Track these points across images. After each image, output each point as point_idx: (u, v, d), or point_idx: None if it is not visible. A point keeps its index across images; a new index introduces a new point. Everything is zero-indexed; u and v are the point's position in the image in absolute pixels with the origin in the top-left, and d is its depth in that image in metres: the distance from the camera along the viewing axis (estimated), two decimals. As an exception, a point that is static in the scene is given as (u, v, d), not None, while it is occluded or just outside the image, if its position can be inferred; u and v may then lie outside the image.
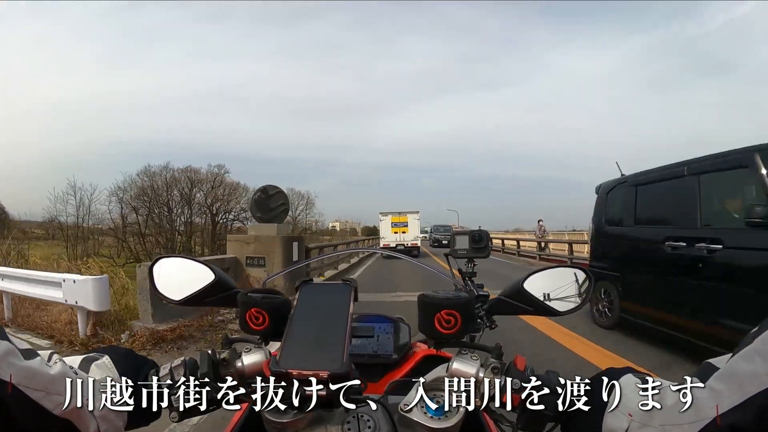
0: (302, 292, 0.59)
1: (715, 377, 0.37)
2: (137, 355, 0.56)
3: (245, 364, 0.57)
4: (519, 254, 16.07)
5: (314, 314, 0.55)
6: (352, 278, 0.61)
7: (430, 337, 0.61)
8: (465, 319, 0.58)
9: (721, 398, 0.36)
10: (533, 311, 0.61)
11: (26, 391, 0.39)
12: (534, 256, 14.55)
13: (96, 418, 0.45)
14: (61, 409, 0.42)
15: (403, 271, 10.59)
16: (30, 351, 0.41)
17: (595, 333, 4.59)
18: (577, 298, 0.61)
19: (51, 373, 0.42)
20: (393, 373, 0.78)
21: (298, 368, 0.48)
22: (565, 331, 4.56)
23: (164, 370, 0.54)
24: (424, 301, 0.59)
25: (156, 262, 0.66)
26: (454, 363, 0.57)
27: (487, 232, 0.79)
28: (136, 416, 0.51)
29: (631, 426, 0.44)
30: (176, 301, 0.66)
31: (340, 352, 0.49)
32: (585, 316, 4.97)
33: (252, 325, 0.61)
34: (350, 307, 0.56)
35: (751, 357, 0.34)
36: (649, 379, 0.47)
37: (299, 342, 0.51)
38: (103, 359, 0.51)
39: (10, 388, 0.37)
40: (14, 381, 0.38)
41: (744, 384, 0.34)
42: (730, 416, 0.35)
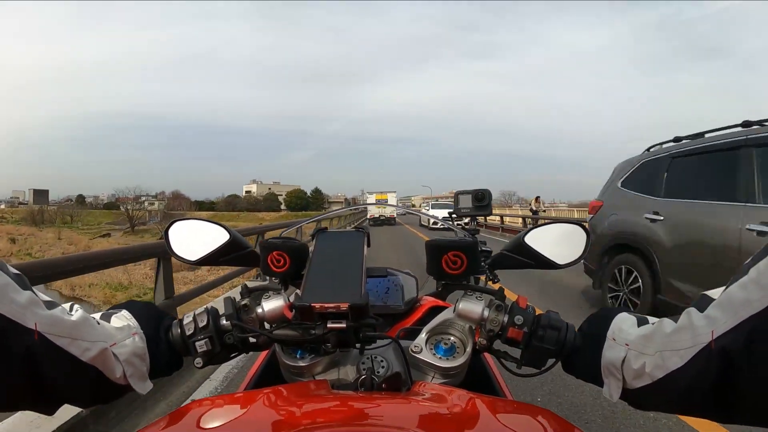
0: (319, 239, 0.61)
1: (712, 306, 0.38)
2: (156, 307, 0.57)
3: (265, 309, 0.58)
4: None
5: (332, 256, 0.58)
6: (364, 225, 0.64)
7: (438, 278, 0.64)
8: (470, 260, 0.61)
9: (717, 324, 0.37)
10: (534, 264, 0.64)
11: (52, 338, 0.39)
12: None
13: (122, 363, 0.46)
14: (88, 355, 0.42)
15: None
16: (52, 302, 0.42)
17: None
18: (575, 252, 0.64)
19: (74, 320, 0.42)
20: (402, 323, 0.82)
21: (320, 301, 0.50)
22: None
23: (188, 318, 0.56)
24: (432, 245, 0.63)
25: (171, 225, 0.67)
26: (461, 303, 0.60)
27: (489, 191, 0.82)
28: (159, 364, 0.52)
29: (628, 355, 0.45)
30: (192, 262, 0.67)
31: (358, 286, 0.52)
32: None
33: (273, 268, 0.63)
34: (364, 251, 0.59)
35: (745, 285, 0.35)
36: (644, 316, 0.49)
37: (319, 279, 0.54)
38: (122, 312, 0.52)
39: (36, 335, 0.38)
40: (40, 329, 0.38)
41: (738, 309, 0.35)
42: (723, 339, 0.36)
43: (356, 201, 77.09)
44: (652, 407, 0.45)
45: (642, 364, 0.43)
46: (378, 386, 0.53)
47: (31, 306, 0.38)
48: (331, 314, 0.50)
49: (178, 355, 0.55)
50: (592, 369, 0.50)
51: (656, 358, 0.42)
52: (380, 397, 0.51)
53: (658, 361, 0.42)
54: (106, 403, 0.49)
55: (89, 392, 0.45)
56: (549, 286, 5.39)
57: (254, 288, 0.62)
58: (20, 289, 0.38)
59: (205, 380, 2.60)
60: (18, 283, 0.38)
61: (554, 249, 0.63)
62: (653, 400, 0.44)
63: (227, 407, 0.46)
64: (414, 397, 0.50)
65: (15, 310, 0.37)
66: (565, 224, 0.66)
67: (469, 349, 0.59)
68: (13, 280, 0.38)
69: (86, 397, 0.45)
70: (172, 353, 0.55)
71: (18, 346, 0.37)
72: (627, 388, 0.46)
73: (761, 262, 0.35)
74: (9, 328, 0.36)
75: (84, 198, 65.25)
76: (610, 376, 0.48)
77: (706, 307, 0.39)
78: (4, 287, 0.36)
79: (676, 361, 0.40)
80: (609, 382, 0.48)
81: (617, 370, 0.46)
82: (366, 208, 22.98)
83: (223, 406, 0.46)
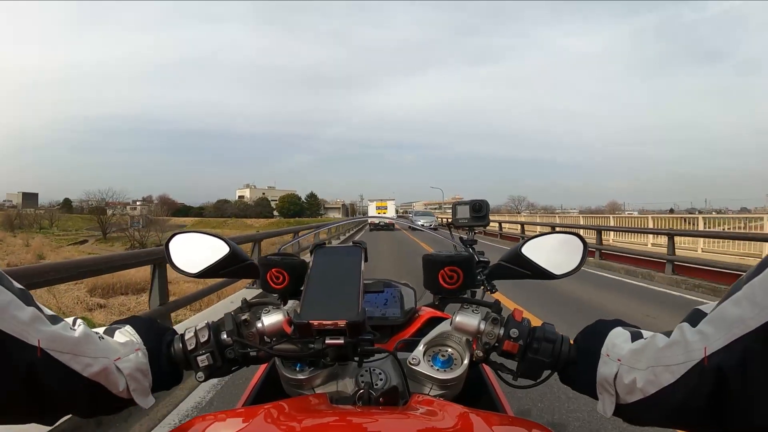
0: (317, 254, 0.63)
1: (705, 321, 0.38)
2: (158, 322, 0.58)
3: (265, 324, 0.59)
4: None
5: (329, 273, 0.59)
6: (362, 241, 0.65)
7: (435, 293, 0.65)
8: (466, 274, 0.62)
9: (710, 341, 0.36)
10: (531, 275, 0.64)
11: (55, 354, 0.39)
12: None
13: (125, 377, 0.47)
14: (90, 371, 0.42)
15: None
16: (55, 317, 0.42)
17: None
18: (572, 262, 0.64)
19: (76, 336, 0.42)
20: (400, 334, 0.83)
21: (318, 319, 0.51)
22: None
23: (189, 333, 0.56)
24: (428, 260, 0.63)
25: (171, 239, 0.68)
26: (458, 316, 0.60)
27: (487, 202, 0.83)
28: (160, 379, 0.53)
29: (620, 370, 0.45)
30: (193, 275, 0.67)
31: (356, 303, 0.53)
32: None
33: (272, 284, 0.64)
34: (361, 267, 0.60)
35: (739, 302, 0.35)
36: (638, 330, 0.49)
37: (318, 297, 0.55)
38: (125, 327, 0.53)
39: (39, 352, 0.38)
40: (43, 345, 0.38)
41: (732, 327, 0.35)
42: (716, 357, 0.36)
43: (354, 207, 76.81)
44: (646, 422, 0.45)
45: (633, 379, 0.44)
46: (376, 400, 0.54)
47: (34, 322, 0.38)
48: (329, 331, 0.51)
49: (178, 370, 0.56)
50: (588, 383, 0.51)
51: (648, 374, 0.42)
52: (378, 411, 0.51)
53: (650, 377, 0.42)
54: (108, 415, 0.49)
55: (90, 406, 0.45)
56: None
57: (254, 302, 0.63)
58: (23, 306, 0.38)
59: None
60: (21, 299, 0.38)
61: (551, 259, 0.64)
62: (646, 416, 0.44)
63: (230, 422, 0.46)
64: (411, 411, 0.50)
65: (18, 327, 0.37)
66: (562, 234, 0.67)
67: (466, 361, 0.60)
68: (16, 296, 0.38)
69: (87, 410, 0.45)
70: (173, 367, 0.55)
71: (20, 362, 0.37)
72: (620, 403, 0.46)
73: (756, 278, 0.35)
74: (12, 344, 0.37)
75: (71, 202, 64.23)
76: (603, 392, 0.48)
77: (699, 322, 0.39)
78: (7, 304, 0.37)
79: (668, 377, 0.40)
80: (603, 397, 0.49)
81: (610, 385, 0.47)
82: (366, 214, 24.26)
83: (225, 420, 0.46)
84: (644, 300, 5.47)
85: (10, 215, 48.10)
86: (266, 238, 5.90)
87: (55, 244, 33.57)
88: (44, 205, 68.22)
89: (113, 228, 42.11)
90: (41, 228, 48.23)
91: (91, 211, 45.48)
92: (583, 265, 0.64)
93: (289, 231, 9.36)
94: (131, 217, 52.86)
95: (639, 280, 7.06)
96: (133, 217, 53.35)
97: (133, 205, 65.81)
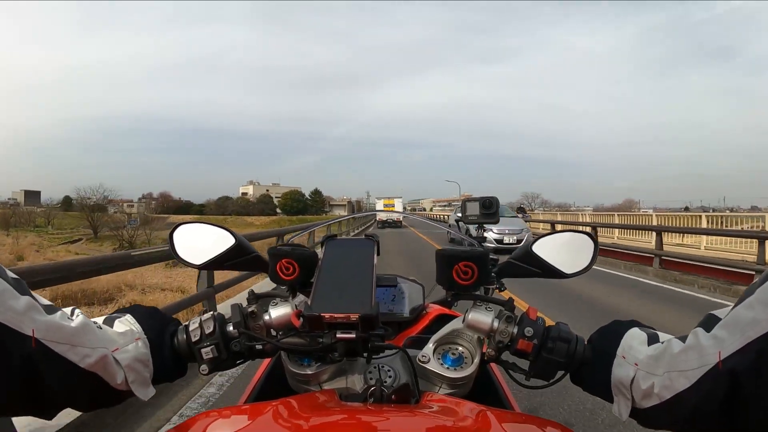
0: (328, 246, 0.61)
1: (719, 326, 0.38)
2: (161, 312, 0.56)
3: (273, 317, 0.58)
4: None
5: (341, 265, 0.57)
6: (374, 234, 0.63)
7: (448, 288, 0.63)
8: (481, 270, 0.60)
9: (724, 345, 0.37)
10: (541, 273, 0.63)
11: (50, 345, 0.38)
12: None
13: (123, 369, 0.45)
14: (88, 362, 0.41)
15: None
16: (52, 306, 0.41)
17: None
18: (583, 261, 0.63)
19: (73, 326, 0.41)
20: (408, 331, 0.82)
21: (329, 311, 0.49)
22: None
23: (194, 323, 0.55)
24: (442, 255, 0.62)
25: (175, 229, 0.66)
26: (471, 314, 0.59)
27: (497, 199, 0.81)
28: (162, 370, 0.51)
29: (638, 375, 0.45)
30: (197, 266, 0.66)
31: (369, 297, 0.51)
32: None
33: (282, 276, 0.62)
34: (374, 259, 0.58)
35: (752, 305, 0.35)
36: (654, 332, 0.49)
37: (329, 289, 0.53)
38: (125, 316, 0.51)
39: (33, 342, 0.37)
40: (37, 335, 0.37)
41: (745, 330, 0.35)
42: (730, 361, 0.36)
43: (361, 204, 76.43)
44: (660, 426, 0.45)
45: (650, 384, 0.43)
46: (387, 398, 0.53)
47: (28, 312, 0.37)
48: (341, 324, 0.50)
49: (182, 361, 0.54)
50: (602, 384, 0.50)
51: (664, 379, 0.42)
52: (390, 410, 0.50)
53: (666, 382, 0.42)
54: (108, 407, 0.48)
55: (88, 398, 0.44)
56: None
57: (261, 294, 0.62)
58: (18, 295, 0.37)
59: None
60: (16, 288, 0.37)
61: (562, 258, 0.63)
62: (662, 420, 0.44)
63: (235, 419, 0.45)
64: (423, 410, 0.49)
65: (12, 316, 0.36)
66: (572, 233, 0.66)
67: (477, 359, 0.59)
68: (11, 285, 0.37)
69: (85, 402, 0.44)
70: (177, 359, 0.54)
71: (15, 353, 0.36)
72: (636, 407, 0.46)
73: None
74: (6, 335, 0.36)
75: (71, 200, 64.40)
76: (619, 395, 0.48)
77: (713, 327, 0.39)
78: (1, 293, 0.36)
79: (684, 382, 0.40)
80: (618, 400, 0.48)
81: (626, 389, 0.47)
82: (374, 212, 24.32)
83: (231, 417, 0.46)
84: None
85: (6, 213, 46.99)
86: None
87: (47, 243, 32.80)
88: (47, 203, 68.17)
89: (105, 227, 40.70)
90: (36, 226, 47.62)
91: (92, 209, 44.62)
92: (594, 264, 0.63)
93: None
94: (128, 215, 51.83)
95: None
96: (130, 215, 52.35)
97: (131, 202, 65.30)
